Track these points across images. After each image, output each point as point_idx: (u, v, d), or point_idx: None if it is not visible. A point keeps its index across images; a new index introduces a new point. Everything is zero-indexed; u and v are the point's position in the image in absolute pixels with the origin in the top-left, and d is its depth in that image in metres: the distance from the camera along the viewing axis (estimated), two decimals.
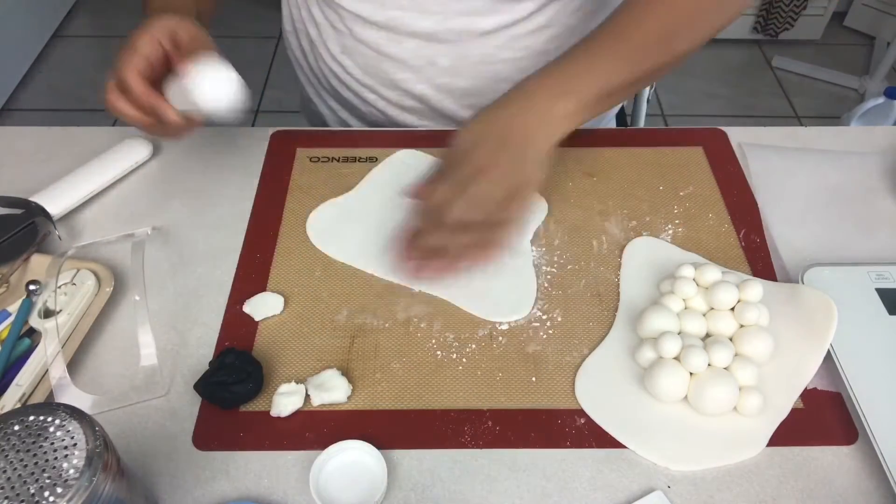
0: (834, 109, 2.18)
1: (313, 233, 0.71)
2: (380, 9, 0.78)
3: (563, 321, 0.63)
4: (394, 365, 0.60)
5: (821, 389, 0.58)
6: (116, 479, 0.43)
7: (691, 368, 0.56)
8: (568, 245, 0.70)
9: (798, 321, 0.61)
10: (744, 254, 0.69)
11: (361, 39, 0.81)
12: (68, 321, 0.61)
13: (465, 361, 0.61)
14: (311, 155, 0.79)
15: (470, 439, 0.56)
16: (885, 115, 2.01)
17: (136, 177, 0.77)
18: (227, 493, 0.53)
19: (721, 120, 0.85)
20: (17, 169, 0.78)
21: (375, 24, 0.79)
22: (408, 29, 0.78)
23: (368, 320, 0.63)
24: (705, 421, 0.56)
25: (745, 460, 0.54)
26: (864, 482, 0.53)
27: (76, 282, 0.63)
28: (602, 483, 0.53)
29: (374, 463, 0.53)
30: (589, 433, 0.56)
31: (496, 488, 0.53)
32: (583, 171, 0.77)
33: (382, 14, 0.78)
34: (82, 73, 2.36)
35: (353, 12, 0.79)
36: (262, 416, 0.57)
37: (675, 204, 0.74)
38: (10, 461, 0.41)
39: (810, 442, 0.55)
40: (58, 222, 0.71)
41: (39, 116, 2.20)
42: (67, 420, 0.42)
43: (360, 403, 0.58)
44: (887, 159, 0.79)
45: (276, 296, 0.65)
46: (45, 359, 0.58)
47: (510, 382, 0.59)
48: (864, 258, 0.67)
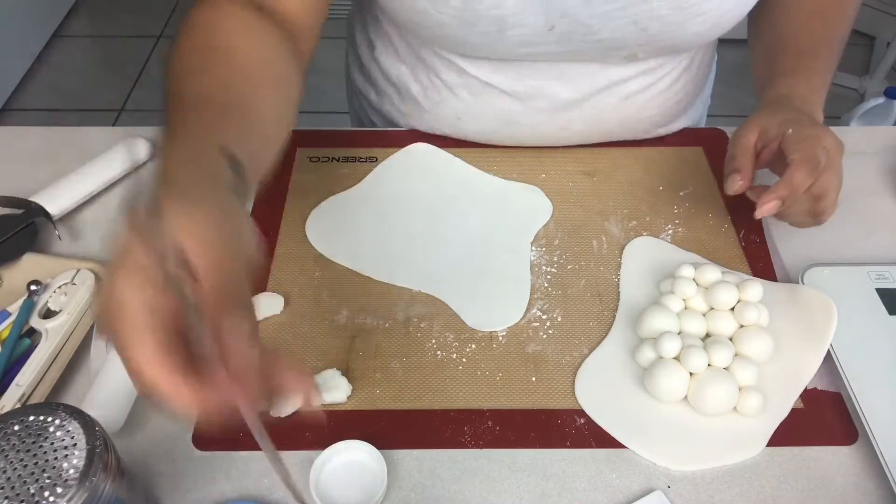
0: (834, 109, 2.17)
1: (313, 233, 0.71)
2: (519, 80, 0.73)
3: (563, 321, 0.63)
4: (394, 365, 0.60)
5: (821, 389, 0.58)
6: (116, 479, 0.43)
7: (691, 368, 0.56)
8: (568, 245, 0.70)
9: (798, 321, 0.61)
10: (744, 254, 0.69)
11: (490, 106, 0.76)
12: (68, 321, 0.61)
13: (465, 361, 0.61)
14: (311, 155, 0.79)
15: (470, 439, 0.56)
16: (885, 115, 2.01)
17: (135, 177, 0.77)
18: (227, 493, 0.53)
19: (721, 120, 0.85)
20: (17, 169, 0.77)
21: (509, 94, 0.74)
22: (547, 99, 0.74)
23: (368, 320, 0.63)
24: (705, 421, 0.56)
25: (745, 460, 0.54)
26: (864, 482, 0.53)
27: (76, 282, 0.63)
28: (602, 483, 0.53)
29: (374, 463, 0.53)
30: (589, 433, 0.56)
31: (496, 488, 0.53)
32: (583, 171, 0.77)
33: (521, 84, 0.73)
34: (82, 73, 2.36)
35: (486, 82, 0.74)
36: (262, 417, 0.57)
37: (674, 204, 0.74)
38: (10, 461, 0.41)
39: (810, 442, 0.55)
40: (58, 222, 0.71)
41: (39, 116, 2.20)
42: (67, 420, 0.42)
43: (360, 403, 0.58)
44: (887, 159, 0.79)
45: (276, 296, 0.65)
46: (44, 359, 0.58)
47: (510, 382, 0.59)
48: (864, 258, 0.67)
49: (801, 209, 0.62)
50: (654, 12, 0.64)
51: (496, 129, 0.77)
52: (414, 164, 0.78)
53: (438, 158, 0.78)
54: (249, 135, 0.51)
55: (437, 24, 0.66)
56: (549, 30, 0.65)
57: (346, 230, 0.71)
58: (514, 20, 0.65)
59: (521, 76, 0.73)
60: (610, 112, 0.76)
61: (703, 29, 0.67)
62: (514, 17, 0.64)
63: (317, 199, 0.74)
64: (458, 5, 0.64)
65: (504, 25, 0.65)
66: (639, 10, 0.64)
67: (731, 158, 0.64)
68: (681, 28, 0.66)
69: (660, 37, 0.67)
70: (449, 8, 0.64)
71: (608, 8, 0.64)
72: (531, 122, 0.76)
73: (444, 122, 0.79)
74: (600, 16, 0.64)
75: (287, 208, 0.73)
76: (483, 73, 0.73)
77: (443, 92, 0.76)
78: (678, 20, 0.65)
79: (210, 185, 0.43)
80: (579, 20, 0.65)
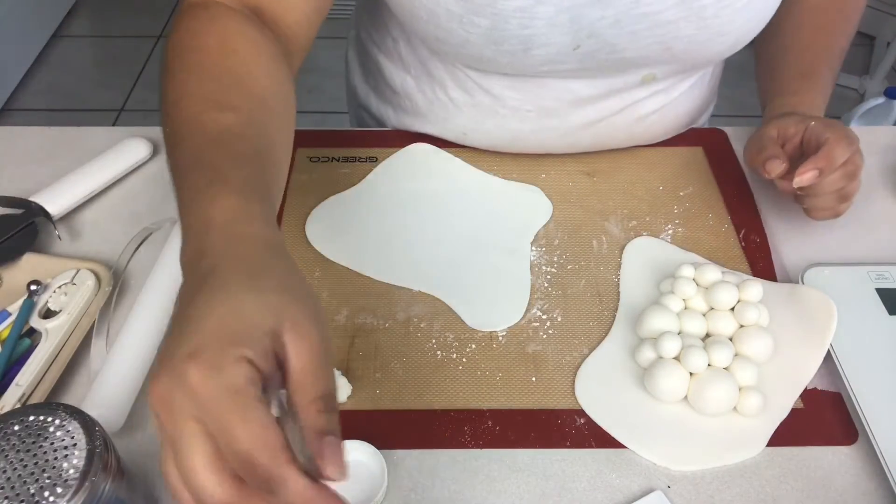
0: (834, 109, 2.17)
1: (313, 233, 0.71)
2: (531, 100, 0.72)
3: (563, 321, 0.63)
4: (394, 365, 0.60)
5: (821, 389, 0.58)
6: (116, 479, 0.43)
7: (691, 368, 0.56)
8: (568, 245, 0.70)
9: (798, 321, 0.61)
10: (744, 254, 0.69)
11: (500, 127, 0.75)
12: (68, 321, 0.61)
13: (465, 361, 0.61)
14: (311, 155, 0.79)
15: (470, 439, 0.56)
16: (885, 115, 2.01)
17: (136, 177, 0.77)
18: None
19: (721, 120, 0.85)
20: (17, 169, 0.77)
21: (520, 114, 0.73)
22: (558, 119, 0.73)
23: (368, 320, 0.63)
24: (705, 421, 0.56)
25: (745, 460, 0.54)
26: (864, 482, 0.53)
27: (76, 282, 0.63)
28: (602, 483, 0.53)
29: (374, 463, 0.53)
30: (589, 433, 0.56)
31: (496, 488, 0.53)
32: (583, 171, 0.77)
33: (532, 104, 0.72)
34: (82, 73, 2.36)
35: (496, 96, 0.73)
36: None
37: (674, 204, 0.74)
38: (10, 461, 0.41)
39: (810, 442, 0.55)
40: (58, 222, 0.71)
41: (39, 116, 2.20)
42: (67, 420, 0.42)
43: (360, 403, 0.58)
44: (887, 159, 0.79)
45: None
46: (44, 359, 0.58)
47: (510, 382, 0.59)
48: (864, 258, 0.67)
49: (833, 189, 0.64)
50: (680, 32, 0.64)
51: (504, 145, 0.77)
52: (414, 164, 0.78)
53: (438, 158, 0.78)
54: (277, 174, 0.50)
55: (462, 42, 0.65)
56: (574, 49, 0.65)
57: (346, 230, 0.71)
58: (542, 40, 0.64)
59: (536, 96, 0.72)
60: (621, 131, 0.76)
61: (724, 48, 0.67)
62: (541, 36, 0.64)
63: (317, 199, 0.74)
64: (486, 24, 0.63)
65: (531, 45, 0.64)
66: (665, 30, 0.63)
67: (761, 149, 0.66)
68: (703, 46, 0.66)
69: (683, 56, 0.67)
70: (477, 27, 0.63)
71: (636, 28, 0.63)
72: (540, 139, 0.75)
73: (450, 135, 0.78)
74: (627, 35, 0.64)
75: (287, 208, 0.73)
76: (496, 87, 0.72)
77: (449, 108, 0.76)
78: (702, 39, 0.65)
79: (271, 251, 0.40)
80: (606, 40, 0.64)
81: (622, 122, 0.74)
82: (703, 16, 0.62)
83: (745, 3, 0.63)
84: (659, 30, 0.63)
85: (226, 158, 0.45)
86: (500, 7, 0.61)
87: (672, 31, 0.64)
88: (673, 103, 0.75)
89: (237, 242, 0.40)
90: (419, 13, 0.64)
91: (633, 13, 0.62)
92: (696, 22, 0.63)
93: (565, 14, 0.62)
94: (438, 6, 0.63)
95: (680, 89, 0.75)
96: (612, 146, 0.78)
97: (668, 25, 0.63)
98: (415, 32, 0.69)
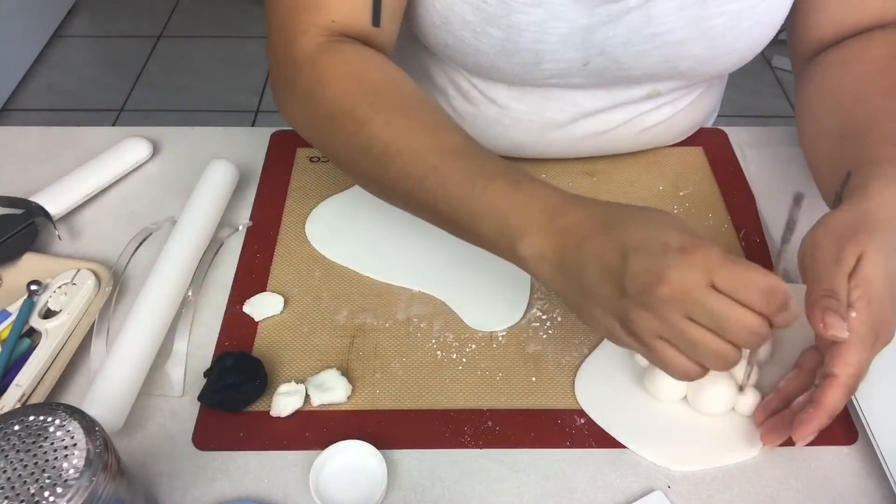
0: None
1: (313, 233, 0.71)
2: (536, 112, 0.72)
3: (562, 321, 0.63)
4: (394, 365, 0.60)
5: None
6: (116, 479, 0.43)
7: None
8: None
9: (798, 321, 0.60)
10: (744, 254, 0.69)
11: (503, 137, 0.75)
12: (68, 321, 0.61)
13: (465, 361, 0.61)
14: (311, 155, 0.79)
15: (470, 439, 0.56)
16: None
17: (136, 177, 0.77)
18: (227, 493, 0.53)
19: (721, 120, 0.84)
20: (17, 169, 0.78)
21: (524, 125, 0.73)
22: (563, 131, 0.73)
23: (368, 320, 0.63)
24: (705, 421, 0.56)
25: (745, 460, 0.54)
26: (864, 482, 0.53)
27: (76, 282, 0.63)
28: (602, 483, 0.53)
29: (374, 463, 0.53)
30: (589, 433, 0.56)
31: (496, 488, 0.53)
32: (583, 171, 0.77)
33: (538, 116, 0.72)
34: (82, 73, 2.35)
35: (502, 106, 0.72)
36: (262, 416, 0.57)
37: (674, 204, 0.74)
38: (10, 461, 0.41)
39: (810, 442, 0.55)
40: (58, 222, 0.71)
41: (39, 116, 2.20)
42: (67, 420, 0.42)
43: (360, 403, 0.58)
44: None
45: (276, 296, 0.65)
46: (44, 359, 0.58)
47: (510, 382, 0.59)
48: None
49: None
50: (689, 52, 0.64)
51: (506, 152, 0.76)
52: None
53: None
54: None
55: (474, 51, 0.66)
56: (583, 65, 0.65)
57: (346, 230, 0.71)
58: (553, 55, 0.64)
59: (541, 107, 0.72)
60: (625, 142, 0.76)
61: (730, 64, 0.68)
62: (553, 52, 0.64)
63: (317, 199, 0.74)
64: (500, 36, 0.63)
65: (542, 59, 0.65)
66: (673, 50, 0.64)
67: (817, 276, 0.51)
68: (709, 65, 0.67)
69: (688, 73, 0.68)
70: (490, 38, 0.64)
71: (645, 47, 0.64)
72: (543, 149, 0.76)
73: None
74: (636, 54, 0.64)
75: (287, 208, 0.73)
76: (501, 97, 0.72)
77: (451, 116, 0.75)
78: (709, 57, 0.65)
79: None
80: (615, 58, 0.65)
81: (626, 133, 0.74)
82: (711, 36, 0.63)
83: (753, 23, 0.63)
84: (667, 49, 0.64)
85: (486, 161, 0.54)
86: (515, 20, 0.62)
87: (680, 51, 0.64)
88: (678, 115, 0.75)
89: (580, 201, 0.51)
90: (432, 18, 0.65)
91: (644, 33, 0.63)
92: (703, 42, 0.63)
93: (578, 32, 0.63)
94: (453, 13, 0.63)
95: (685, 101, 0.75)
96: (616, 152, 0.78)
97: (677, 45, 0.64)
98: (423, 37, 0.69)
